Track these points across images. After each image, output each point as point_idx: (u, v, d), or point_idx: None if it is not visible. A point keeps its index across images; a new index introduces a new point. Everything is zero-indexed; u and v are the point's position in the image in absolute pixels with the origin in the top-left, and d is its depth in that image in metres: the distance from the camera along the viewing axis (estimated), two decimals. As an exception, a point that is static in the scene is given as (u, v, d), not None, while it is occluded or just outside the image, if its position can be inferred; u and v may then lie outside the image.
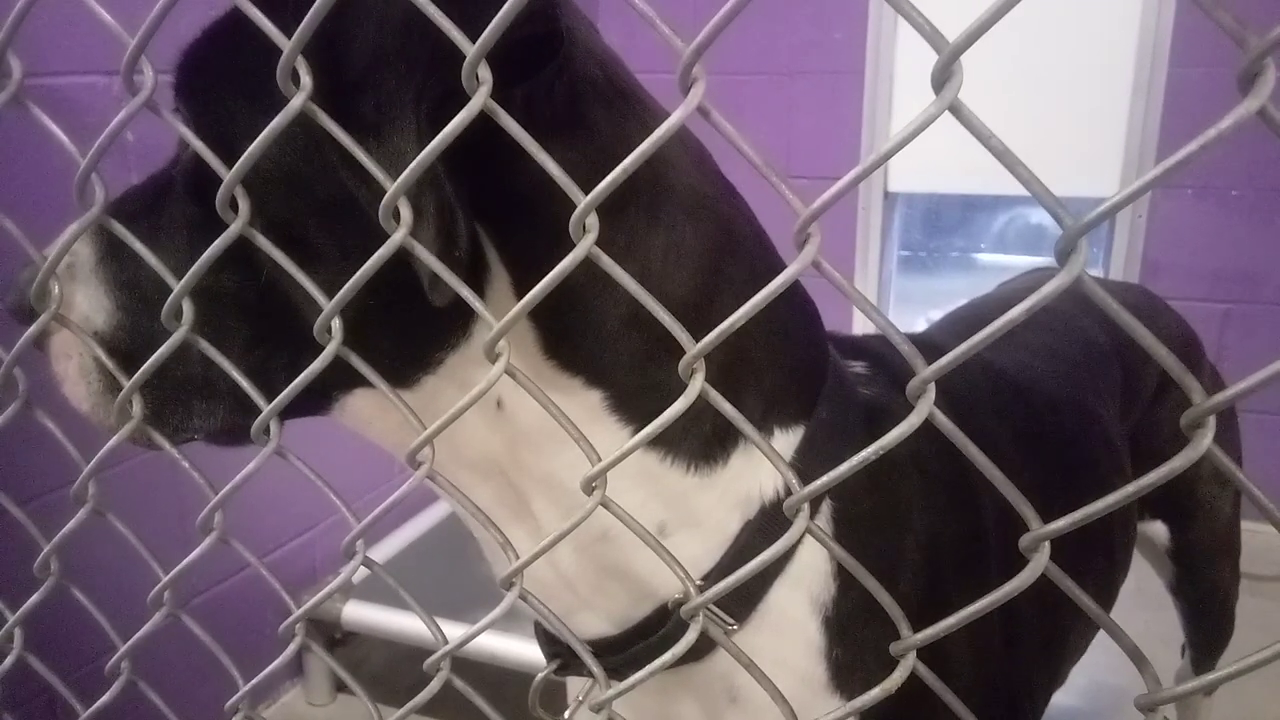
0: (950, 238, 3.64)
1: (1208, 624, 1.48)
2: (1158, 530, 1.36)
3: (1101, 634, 0.41)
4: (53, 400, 0.63)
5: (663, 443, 0.58)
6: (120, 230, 0.54)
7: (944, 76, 0.32)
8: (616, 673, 0.51)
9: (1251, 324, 2.46)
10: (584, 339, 0.56)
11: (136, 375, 0.56)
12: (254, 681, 0.63)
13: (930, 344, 0.97)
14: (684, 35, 0.36)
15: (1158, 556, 1.40)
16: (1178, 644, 1.57)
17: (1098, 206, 0.31)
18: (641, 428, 0.45)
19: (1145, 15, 2.40)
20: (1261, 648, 0.36)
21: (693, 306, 0.56)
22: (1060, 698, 0.97)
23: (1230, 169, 2.38)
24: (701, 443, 0.59)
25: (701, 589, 0.47)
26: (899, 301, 2.98)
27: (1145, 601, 1.44)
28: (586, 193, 0.39)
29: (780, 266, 0.60)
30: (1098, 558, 1.03)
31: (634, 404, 0.57)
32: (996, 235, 3.73)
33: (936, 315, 1.26)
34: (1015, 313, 0.34)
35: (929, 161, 2.57)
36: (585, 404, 0.57)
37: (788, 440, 0.61)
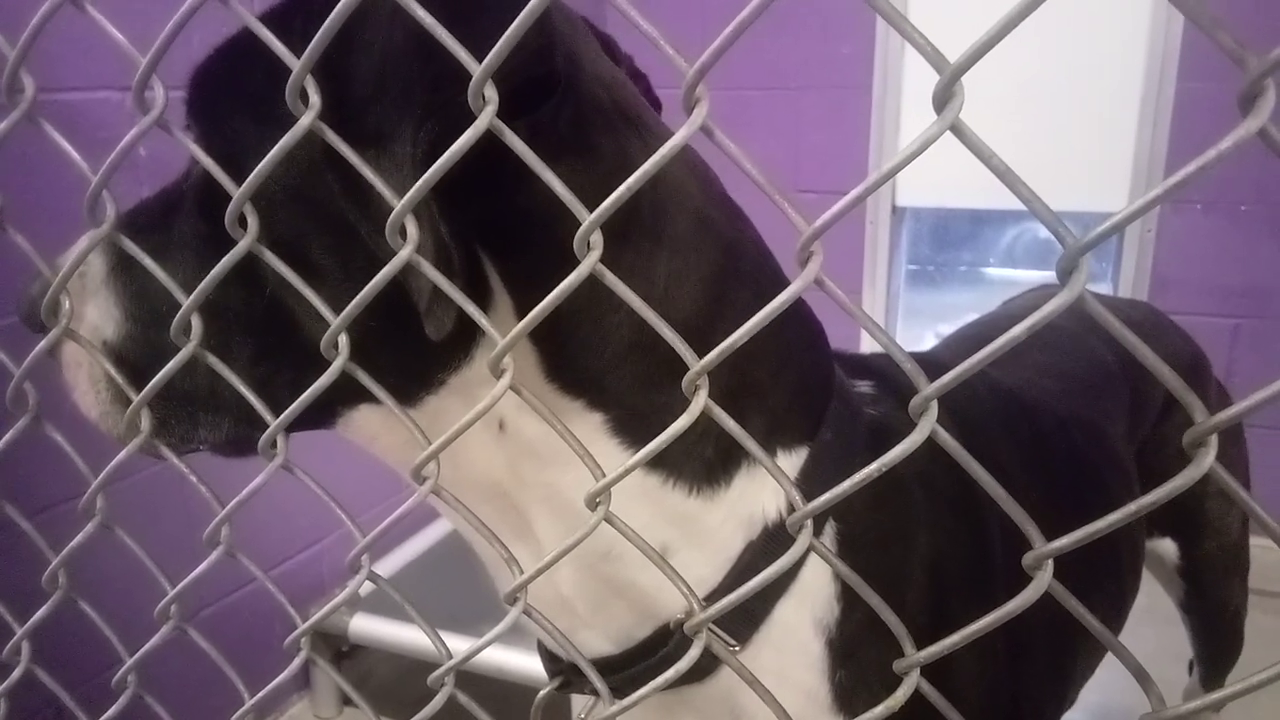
0: (958, 252, 3.63)
1: (1217, 640, 1.48)
2: (1167, 547, 1.35)
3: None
4: (62, 413, 0.63)
5: (664, 465, 0.58)
6: (130, 247, 0.55)
7: (945, 97, 0.32)
8: (618, 691, 0.51)
9: (1261, 339, 2.45)
10: (586, 362, 0.56)
11: (145, 390, 0.57)
12: (260, 695, 0.63)
13: (935, 363, 0.97)
14: (689, 52, 0.36)
15: (1167, 573, 1.39)
16: (1187, 660, 1.56)
17: (1106, 222, 0.31)
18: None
19: (1153, 30, 2.40)
20: (1270, 665, 0.36)
21: (696, 329, 0.56)
22: (1071, 715, 0.96)
23: (1239, 184, 2.37)
24: (704, 465, 0.59)
25: (705, 606, 0.48)
26: (907, 316, 2.98)
27: (1155, 618, 1.43)
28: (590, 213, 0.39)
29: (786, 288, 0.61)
30: (1106, 578, 1.02)
31: (636, 427, 0.57)
32: (1005, 250, 3.72)
33: (945, 330, 1.26)
34: (1017, 331, 0.34)
35: (937, 176, 2.57)
36: (587, 427, 0.57)
37: (791, 462, 0.61)
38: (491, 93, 0.39)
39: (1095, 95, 2.48)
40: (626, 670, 0.62)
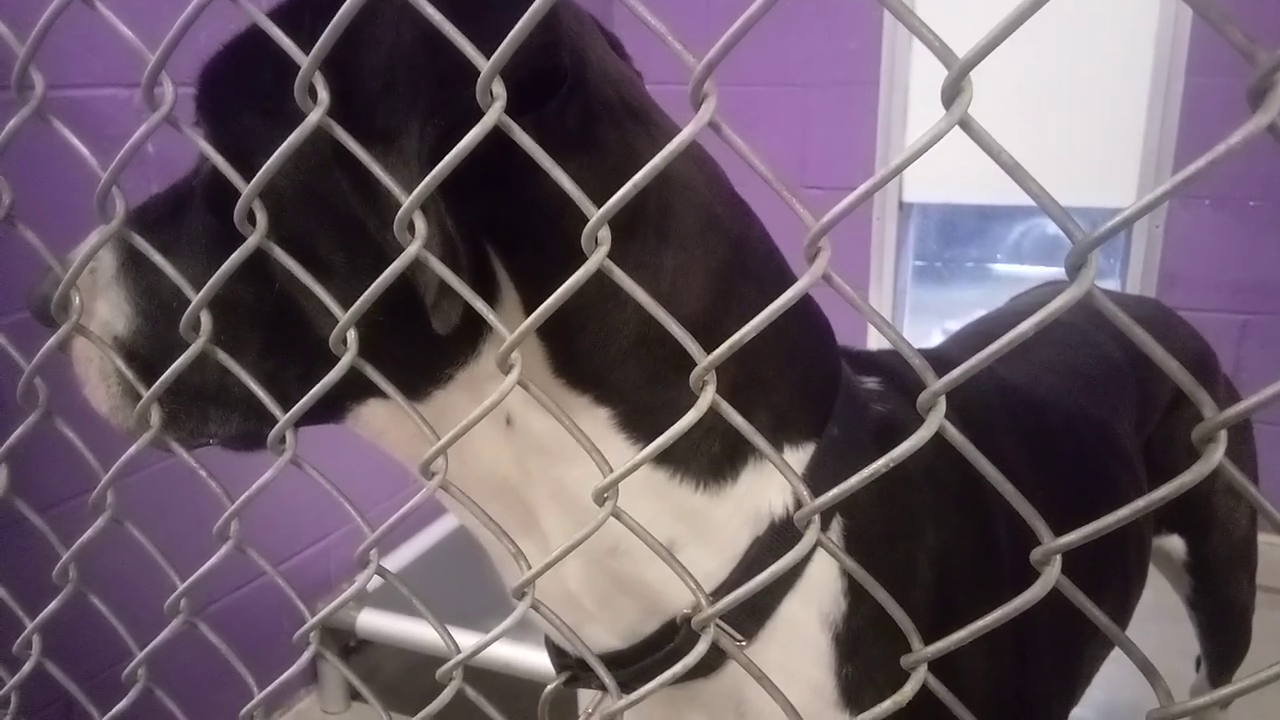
0: (966, 248, 3.63)
1: (1224, 637, 1.47)
2: (1174, 544, 1.35)
3: (1117, 648, 0.41)
4: (72, 408, 0.64)
5: (671, 461, 0.58)
6: (140, 243, 0.55)
7: (954, 92, 0.32)
8: (625, 686, 0.52)
9: (1269, 335, 2.44)
10: (592, 357, 0.56)
11: (155, 386, 0.57)
12: (269, 689, 0.64)
13: (943, 359, 0.96)
14: (696, 49, 0.36)
15: (1174, 570, 1.39)
16: (1194, 656, 1.56)
17: (1114, 217, 0.31)
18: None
19: (1162, 25, 2.39)
20: (1277, 661, 0.36)
21: (703, 324, 0.56)
22: (1078, 712, 0.96)
23: (1248, 179, 2.36)
24: (710, 461, 0.59)
25: (712, 601, 0.48)
26: (914, 312, 2.97)
27: (1162, 614, 1.43)
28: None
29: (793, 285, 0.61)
30: (1112, 573, 1.02)
31: (642, 422, 0.58)
32: (1012, 245, 3.71)
33: (952, 326, 1.26)
34: (1025, 326, 0.34)
35: (944, 172, 2.56)
36: (593, 421, 0.57)
37: (797, 458, 0.61)
38: (499, 88, 0.39)
39: (1104, 90, 2.47)
40: (634, 665, 0.62)
